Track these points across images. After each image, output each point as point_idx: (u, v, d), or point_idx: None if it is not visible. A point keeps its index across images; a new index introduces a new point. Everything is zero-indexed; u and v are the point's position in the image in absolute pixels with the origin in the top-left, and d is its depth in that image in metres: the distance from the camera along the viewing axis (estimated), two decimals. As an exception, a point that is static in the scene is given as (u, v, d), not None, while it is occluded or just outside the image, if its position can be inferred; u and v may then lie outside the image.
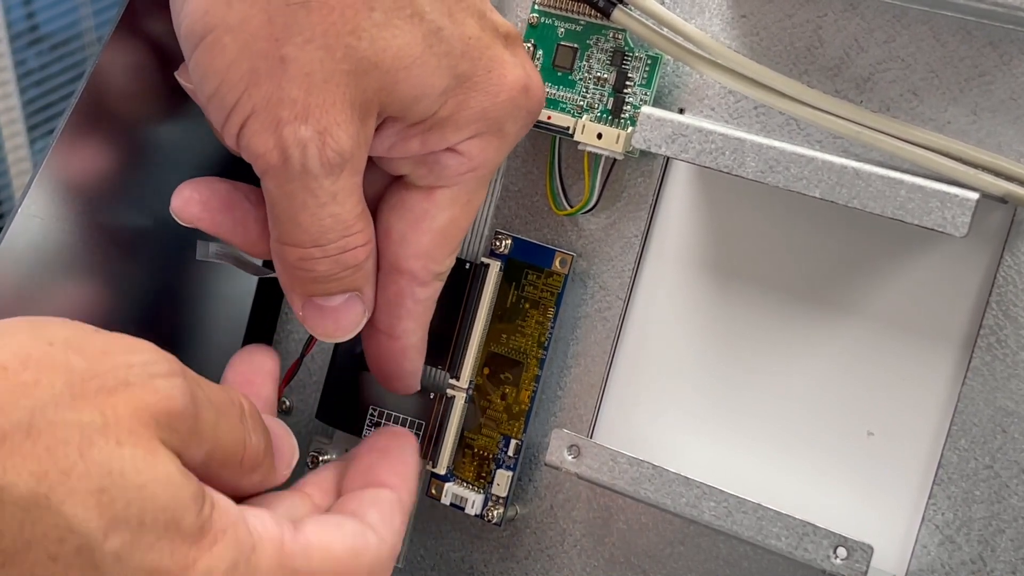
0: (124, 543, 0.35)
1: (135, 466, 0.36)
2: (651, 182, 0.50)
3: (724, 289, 0.49)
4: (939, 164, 0.44)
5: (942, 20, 0.45)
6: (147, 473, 0.36)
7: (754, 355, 0.48)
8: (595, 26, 0.49)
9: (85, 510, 0.34)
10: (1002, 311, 0.45)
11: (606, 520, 0.51)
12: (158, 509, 0.36)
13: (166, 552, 0.36)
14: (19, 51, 1.88)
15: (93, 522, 0.35)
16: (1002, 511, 0.44)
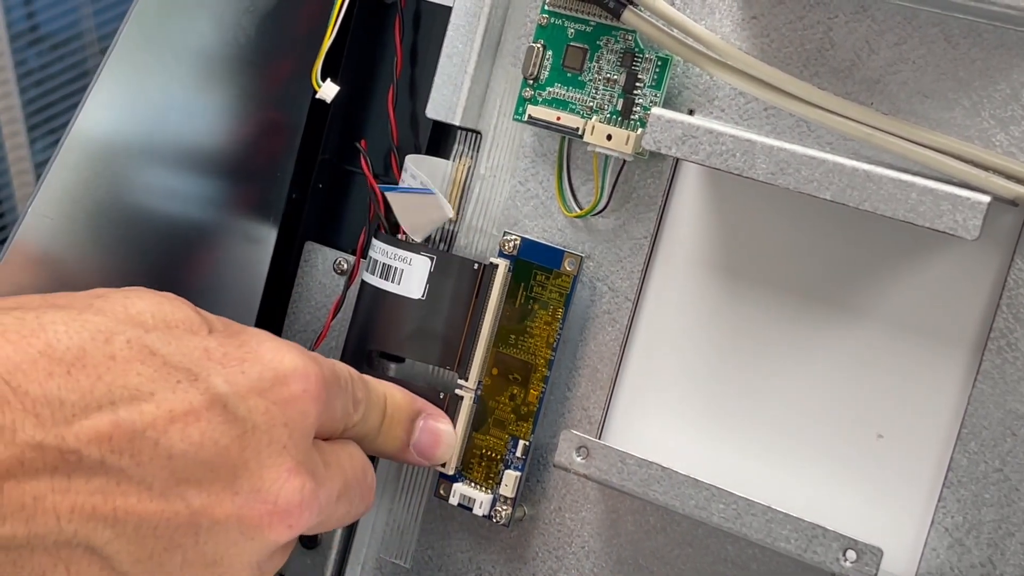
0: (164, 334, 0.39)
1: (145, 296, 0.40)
2: (660, 183, 0.50)
3: (733, 291, 0.49)
4: (950, 167, 0.44)
5: (953, 23, 0.45)
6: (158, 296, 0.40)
7: (763, 357, 0.48)
8: (605, 27, 0.49)
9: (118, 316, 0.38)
10: (1012, 314, 0.45)
11: (614, 521, 0.50)
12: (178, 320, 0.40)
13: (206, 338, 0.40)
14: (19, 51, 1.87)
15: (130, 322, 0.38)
16: (1012, 514, 0.44)
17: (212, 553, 0.38)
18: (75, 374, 0.35)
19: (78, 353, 0.36)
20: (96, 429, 0.35)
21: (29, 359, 0.35)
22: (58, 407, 0.35)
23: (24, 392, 0.34)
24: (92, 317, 0.37)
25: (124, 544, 0.36)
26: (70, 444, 0.35)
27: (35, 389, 0.35)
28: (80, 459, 0.35)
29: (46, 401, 0.35)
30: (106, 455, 0.35)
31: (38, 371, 0.35)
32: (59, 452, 0.35)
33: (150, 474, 0.36)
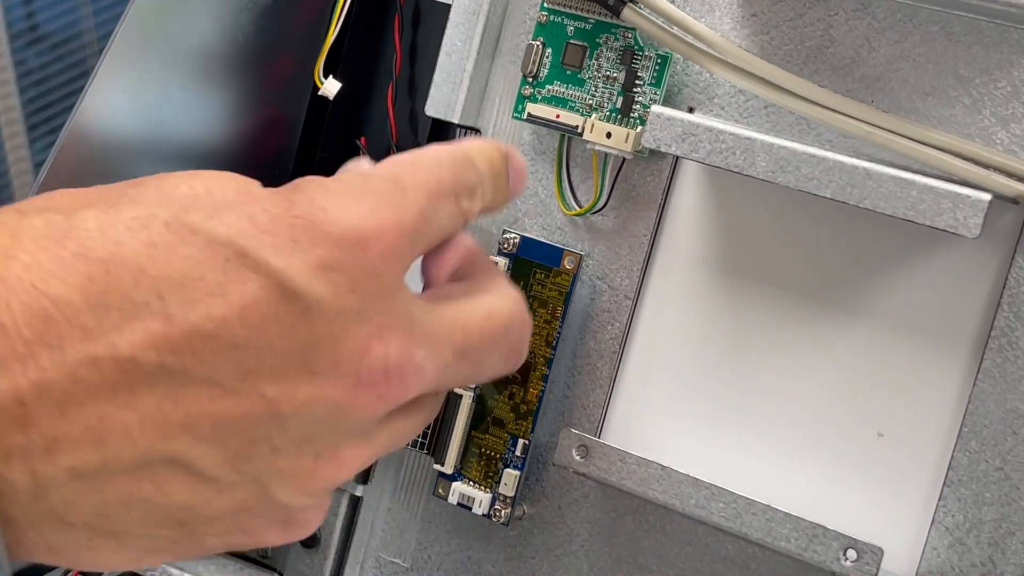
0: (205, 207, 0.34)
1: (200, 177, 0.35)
2: (660, 181, 0.50)
3: (733, 289, 0.49)
4: (951, 165, 0.44)
5: (954, 20, 0.45)
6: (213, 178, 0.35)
7: (763, 355, 0.48)
8: (605, 24, 0.49)
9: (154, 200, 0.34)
10: (1013, 313, 0.44)
11: (614, 520, 0.50)
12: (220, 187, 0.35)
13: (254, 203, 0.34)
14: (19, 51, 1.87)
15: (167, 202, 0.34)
16: (1012, 513, 0.44)
17: (302, 436, 0.35)
18: (115, 272, 0.32)
19: (115, 248, 0.32)
20: (148, 331, 0.32)
21: (64, 264, 0.32)
22: (104, 313, 0.32)
23: (66, 302, 0.31)
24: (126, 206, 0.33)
25: (205, 448, 0.33)
26: (123, 352, 0.32)
27: (76, 298, 0.31)
28: (138, 366, 0.32)
29: (90, 308, 0.32)
30: (165, 357, 0.32)
31: (77, 276, 0.32)
32: (114, 363, 0.32)
33: (215, 370, 0.33)
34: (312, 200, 0.35)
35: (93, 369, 0.31)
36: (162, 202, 0.34)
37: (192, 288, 0.32)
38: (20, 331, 0.31)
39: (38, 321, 0.31)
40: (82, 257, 0.32)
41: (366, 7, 0.56)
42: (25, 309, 0.31)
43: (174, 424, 0.32)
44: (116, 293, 0.32)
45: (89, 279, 0.32)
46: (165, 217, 0.33)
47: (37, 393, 0.31)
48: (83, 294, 0.31)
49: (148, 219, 0.33)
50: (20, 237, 0.32)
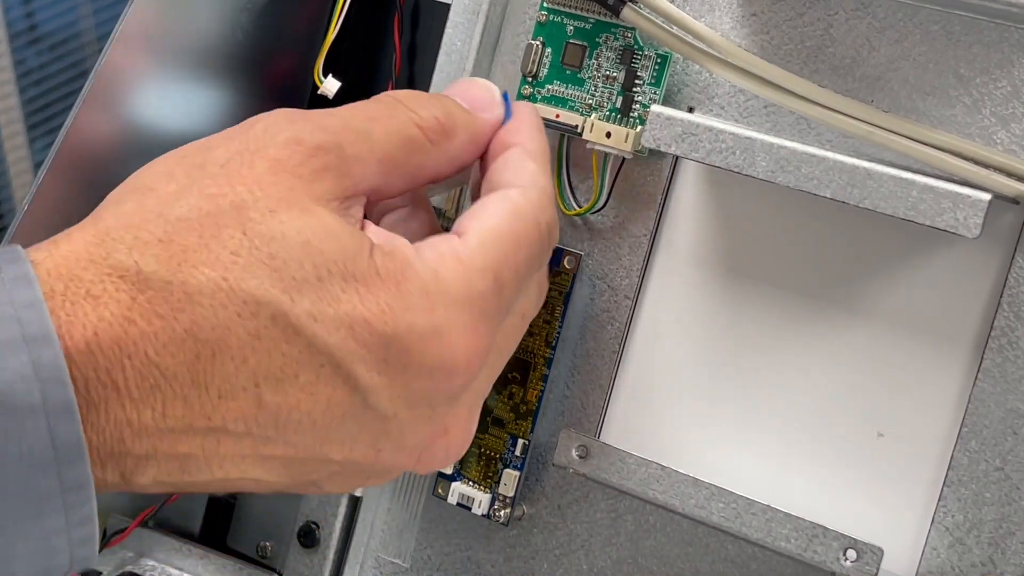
0: (312, 301, 0.36)
1: (294, 227, 0.37)
2: (660, 181, 0.50)
3: (733, 289, 0.49)
4: (951, 164, 0.44)
5: (954, 19, 0.45)
6: (306, 230, 0.37)
7: (763, 355, 0.48)
8: (604, 24, 0.49)
9: (263, 280, 0.36)
10: (1013, 312, 0.44)
11: (613, 521, 0.50)
12: (329, 262, 0.37)
13: (357, 301, 0.37)
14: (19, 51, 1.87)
15: (276, 288, 0.36)
16: (1012, 513, 0.44)
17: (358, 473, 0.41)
18: (219, 357, 0.35)
19: (223, 334, 0.35)
20: (241, 410, 0.36)
21: (177, 340, 0.35)
22: (204, 391, 0.36)
23: (172, 376, 0.35)
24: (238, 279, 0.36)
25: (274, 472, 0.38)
26: (216, 423, 0.36)
27: (182, 373, 0.35)
28: (227, 431, 0.36)
29: (192, 384, 0.35)
30: (252, 428, 0.37)
31: (186, 353, 0.35)
32: (207, 428, 0.36)
33: (293, 439, 0.37)
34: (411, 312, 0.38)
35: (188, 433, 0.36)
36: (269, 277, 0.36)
37: (287, 383, 0.36)
38: (131, 392, 0.35)
39: (147, 387, 0.35)
40: (193, 337, 0.35)
41: (366, 7, 0.56)
42: (136, 375, 0.35)
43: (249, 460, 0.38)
44: (218, 376, 0.36)
45: (197, 358, 0.35)
46: (272, 311, 0.36)
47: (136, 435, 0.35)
48: (189, 371, 0.35)
49: (256, 308, 0.36)
50: (138, 298, 0.35)
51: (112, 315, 0.35)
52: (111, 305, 0.35)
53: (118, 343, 0.35)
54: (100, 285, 0.35)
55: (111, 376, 0.34)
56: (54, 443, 0.33)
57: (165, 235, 0.36)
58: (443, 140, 0.42)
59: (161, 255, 0.36)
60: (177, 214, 0.36)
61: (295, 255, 0.36)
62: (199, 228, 0.36)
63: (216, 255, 0.36)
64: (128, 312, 0.35)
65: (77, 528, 0.34)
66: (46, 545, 0.34)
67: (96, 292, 0.35)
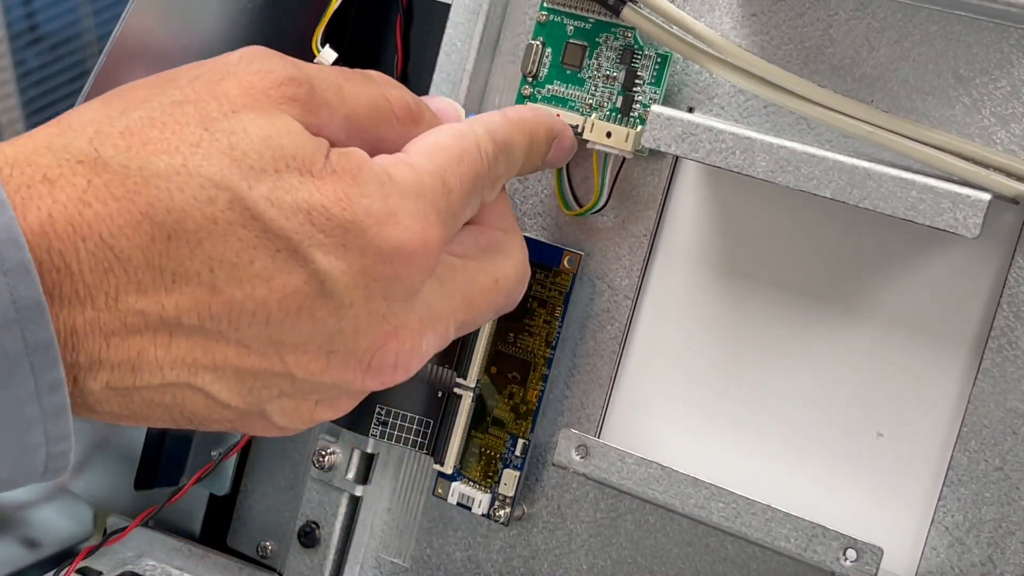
0: (270, 188, 0.37)
1: (256, 124, 0.37)
2: (660, 181, 0.50)
3: (733, 289, 0.49)
4: (951, 164, 0.44)
5: (953, 20, 0.45)
6: (269, 127, 0.37)
7: (762, 355, 0.48)
8: (604, 24, 0.49)
9: (223, 167, 0.36)
10: (1013, 312, 0.44)
11: (613, 520, 0.50)
12: (288, 156, 0.37)
13: (314, 190, 0.37)
14: (19, 51, 1.87)
15: (234, 174, 0.36)
16: (1012, 513, 0.44)
17: (308, 390, 0.40)
18: (175, 240, 0.36)
19: (179, 217, 0.36)
20: (195, 298, 0.36)
21: (133, 222, 0.35)
22: (159, 275, 0.36)
23: (127, 259, 0.35)
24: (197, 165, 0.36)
25: (224, 384, 0.38)
26: (169, 312, 0.36)
27: (137, 256, 0.35)
28: (180, 323, 0.36)
29: (147, 268, 0.35)
30: (205, 321, 0.36)
31: (141, 235, 0.35)
32: (159, 318, 0.36)
33: (246, 336, 0.37)
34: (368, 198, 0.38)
35: (140, 318, 0.36)
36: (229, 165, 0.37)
37: (242, 268, 0.36)
38: (84, 276, 0.35)
39: (100, 270, 0.35)
40: (149, 219, 0.35)
41: (367, 7, 0.56)
42: (91, 257, 0.35)
43: (201, 366, 0.37)
44: (173, 259, 0.36)
45: (152, 241, 0.35)
46: (230, 196, 0.36)
47: (89, 327, 0.35)
48: (144, 254, 0.35)
49: (215, 192, 0.36)
50: (94, 180, 0.35)
51: (67, 197, 0.35)
52: (67, 188, 0.35)
53: (72, 224, 0.35)
54: (57, 170, 0.35)
55: (64, 259, 0.34)
56: (15, 303, 0.33)
57: (126, 129, 0.36)
58: (408, 123, 0.43)
59: (120, 144, 0.36)
60: (140, 114, 0.37)
61: (255, 147, 0.37)
62: (161, 125, 0.37)
63: (176, 145, 0.36)
64: (83, 195, 0.35)
65: (47, 395, 0.34)
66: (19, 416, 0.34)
67: (52, 176, 0.35)
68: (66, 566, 0.54)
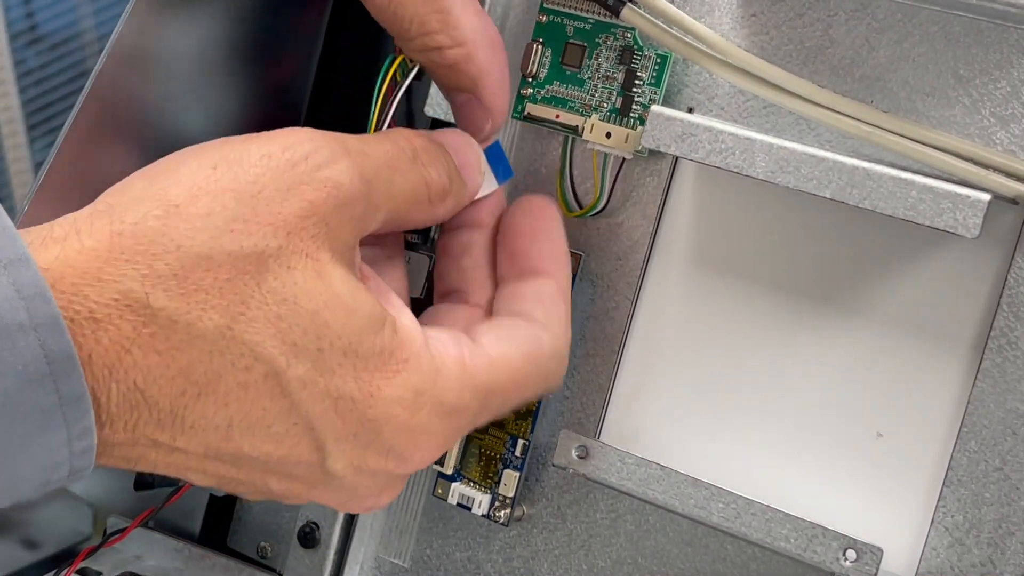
0: (307, 369, 0.37)
1: (306, 292, 0.37)
2: (659, 182, 0.50)
3: (733, 289, 0.49)
4: (950, 165, 0.44)
5: (953, 20, 0.45)
6: (317, 297, 0.37)
7: (762, 356, 0.48)
8: (604, 24, 0.49)
9: (266, 338, 0.37)
10: (1013, 313, 0.44)
11: (613, 521, 0.50)
12: (334, 335, 0.38)
13: (349, 378, 0.38)
14: (19, 51, 1.87)
15: (275, 349, 0.37)
16: (1012, 513, 0.44)
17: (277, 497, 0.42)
18: (204, 398, 0.37)
19: (213, 379, 0.36)
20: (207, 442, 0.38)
21: (168, 376, 0.36)
22: (179, 420, 0.37)
23: (154, 403, 0.36)
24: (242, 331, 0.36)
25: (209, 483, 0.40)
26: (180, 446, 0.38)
27: (164, 403, 0.36)
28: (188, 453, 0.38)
29: (171, 413, 0.36)
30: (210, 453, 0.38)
31: (173, 388, 0.36)
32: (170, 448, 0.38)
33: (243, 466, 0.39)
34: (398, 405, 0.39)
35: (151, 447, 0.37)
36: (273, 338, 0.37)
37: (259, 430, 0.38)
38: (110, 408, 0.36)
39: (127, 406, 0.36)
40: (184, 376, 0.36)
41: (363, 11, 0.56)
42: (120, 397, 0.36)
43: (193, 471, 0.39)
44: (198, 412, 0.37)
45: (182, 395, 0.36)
46: (266, 369, 0.37)
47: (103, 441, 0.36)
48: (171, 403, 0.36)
49: (252, 363, 0.37)
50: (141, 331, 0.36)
51: (110, 341, 0.35)
52: (111, 331, 0.35)
53: (110, 368, 0.35)
54: (104, 310, 0.35)
55: (96, 394, 0.35)
56: (47, 357, 0.34)
57: (182, 270, 0.36)
58: (439, 203, 0.43)
59: (173, 291, 0.36)
60: (198, 250, 0.36)
61: (301, 322, 0.37)
62: (216, 269, 0.36)
63: (227, 302, 0.36)
64: (127, 343, 0.35)
65: (78, 440, 0.35)
66: (49, 460, 0.35)
67: (99, 317, 0.35)
68: (66, 566, 0.54)
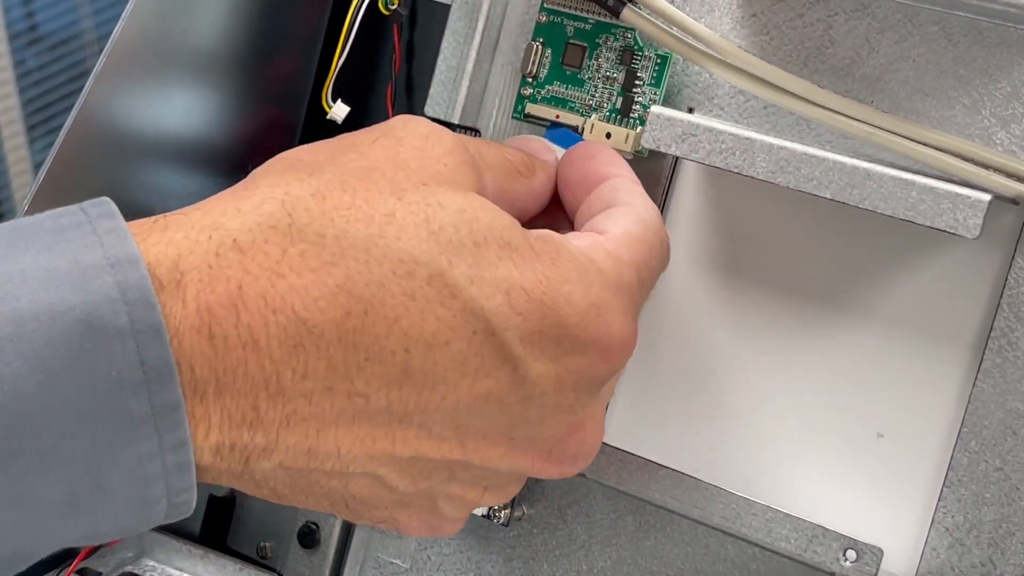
0: (470, 265, 0.35)
1: (448, 196, 0.36)
2: (660, 182, 0.50)
3: (733, 290, 0.49)
4: (951, 165, 0.44)
5: (954, 20, 0.45)
6: (460, 200, 0.36)
7: (762, 356, 0.48)
8: (604, 25, 0.49)
9: (420, 241, 0.35)
10: (1013, 313, 0.44)
11: (613, 521, 0.50)
12: (484, 228, 0.36)
13: (514, 268, 0.36)
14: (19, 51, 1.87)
15: (433, 249, 0.35)
16: (1012, 514, 0.44)
17: (481, 476, 0.38)
18: (371, 316, 0.34)
19: (377, 291, 0.34)
20: (387, 378, 0.34)
21: (328, 294, 0.34)
22: (351, 351, 0.34)
23: (319, 334, 0.33)
24: (393, 241, 0.35)
25: (398, 471, 0.37)
26: (359, 389, 0.34)
27: (330, 331, 0.33)
28: (368, 403, 0.35)
29: (339, 343, 0.34)
30: (393, 403, 0.35)
31: (336, 309, 0.34)
32: (348, 396, 0.34)
33: (431, 420, 0.36)
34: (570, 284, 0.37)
35: (327, 396, 0.34)
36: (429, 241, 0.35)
37: (437, 350, 0.35)
38: (272, 351, 0.33)
39: (289, 345, 0.33)
40: (346, 292, 0.34)
41: (366, 8, 0.56)
42: (281, 331, 0.33)
43: (380, 452, 0.36)
44: (368, 335, 0.34)
45: (347, 315, 0.34)
46: (429, 271, 0.35)
47: (270, 405, 0.34)
48: (337, 329, 0.34)
49: (413, 267, 0.35)
50: (289, 251, 0.34)
51: (259, 268, 0.33)
52: (258, 257, 0.33)
53: (264, 297, 0.33)
54: (248, 235, 0.34)
55: (252, 334, 0.33)
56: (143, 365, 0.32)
57: (317, 191, 0.35)
58: (529, 175, 0.43)
59: (314, 208, 0.34)
60: (328, 177, 0.36)
61: (451, 220, 0.36)
62: (352, 190, 0.35)
63: (370, 214, 0.35)
64: (277, 265, 0.33)
65: (171, 453, 0.33)
66: (141, 472, 0.33)
67: (243, 244, 0.33)
68: (65, 566, 0.54)
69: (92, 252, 0.32)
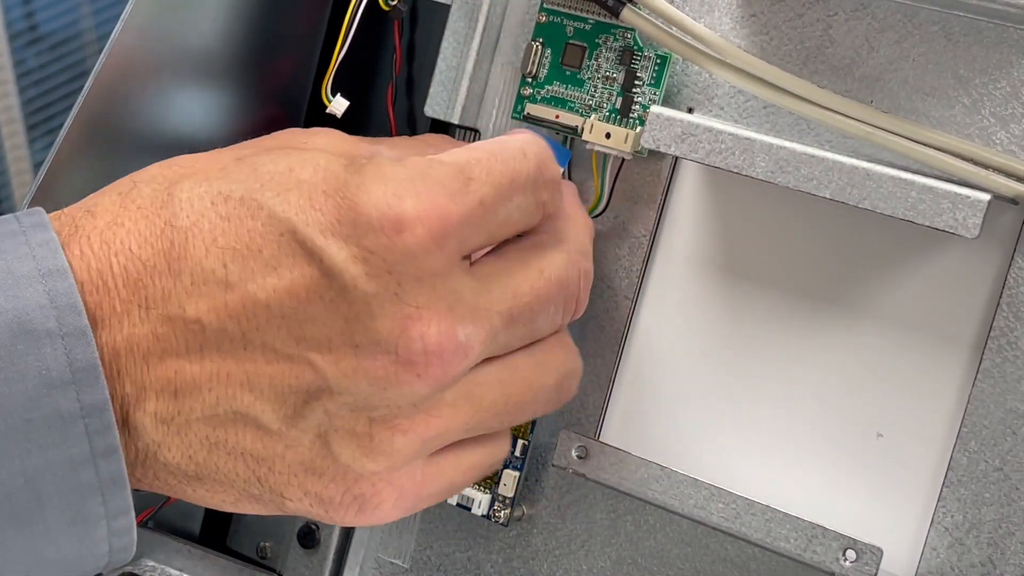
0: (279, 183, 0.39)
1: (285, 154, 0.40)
2: (659, 182, 0.50)
3: (733, 290, 0.49)
4: (950, 165, 0.44)
5: (953, 20, 0.45)
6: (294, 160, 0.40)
7: (762, 356, 0.48)
8: (604, 25, 0.49)
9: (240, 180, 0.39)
10: (1013, 313, 0.44)
11: (613, 521, 0.50)
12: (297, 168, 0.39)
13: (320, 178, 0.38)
14: (18, 51, 1.87)
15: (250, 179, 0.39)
16: (1012, 513, 0.44)
17: (353, 403, 0.38)
18: (192, 239, 0.37)
19: (197, 219, 0.37)
20: (212, 296, 0.37)
21: (156, 231, 0.37)
22: (178, 278, 0.37)
23: (152, 266, 0.37)
24: (217, 180, 0.38)
25: (265, 404, 0.38)
26: (191, 315, 0.37)
27: (160, 262, 0.37)
28: (203, 328, 0.37)
29: (169, 272, 0.37)
30: (225, 322, 0.37)
31: (163, 241, 0.37)
32: (184, 323, 0.37)
33: (269, 336, 0.37)
34: (366, 182, 0.38)
35: (169, 328, 0.37)
36: (248, 178, 0.38)
37: (251, 259, 0.37)
38: (119, 290, 0.37)
39: (131, 282, 0.37)
40: (170, 226, 0.37)
41: (366, 8, 0.56)
42: (123, 271, 0.37)
43: (236, 381, 0.37)
44: (191, 259, 0.37)
45: (172, 245, 0.37)
46: (242, 192, 0.38)
47: (128, 348, 0.36)
48: (166, 259, 0.37)
49: (229, 193, 0.38)
50: (128, 205, 0.38)
51: (104, 223, 0.37)
52: (104, 215, 0.38)
53: (107, 242, 0.37)
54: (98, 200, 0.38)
55: (102, 276, 0.36)
56: (71, 366, 0.35)
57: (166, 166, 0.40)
58: None
59: (156, 175, 0.39)
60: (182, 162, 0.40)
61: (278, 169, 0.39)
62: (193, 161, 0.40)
63: (207, 174, 0.39)
64: (117, 217, 0.38)
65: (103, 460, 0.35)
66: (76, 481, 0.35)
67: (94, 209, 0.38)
68: (66, 567, 0.54)
69: (24, 264, 0.36)
